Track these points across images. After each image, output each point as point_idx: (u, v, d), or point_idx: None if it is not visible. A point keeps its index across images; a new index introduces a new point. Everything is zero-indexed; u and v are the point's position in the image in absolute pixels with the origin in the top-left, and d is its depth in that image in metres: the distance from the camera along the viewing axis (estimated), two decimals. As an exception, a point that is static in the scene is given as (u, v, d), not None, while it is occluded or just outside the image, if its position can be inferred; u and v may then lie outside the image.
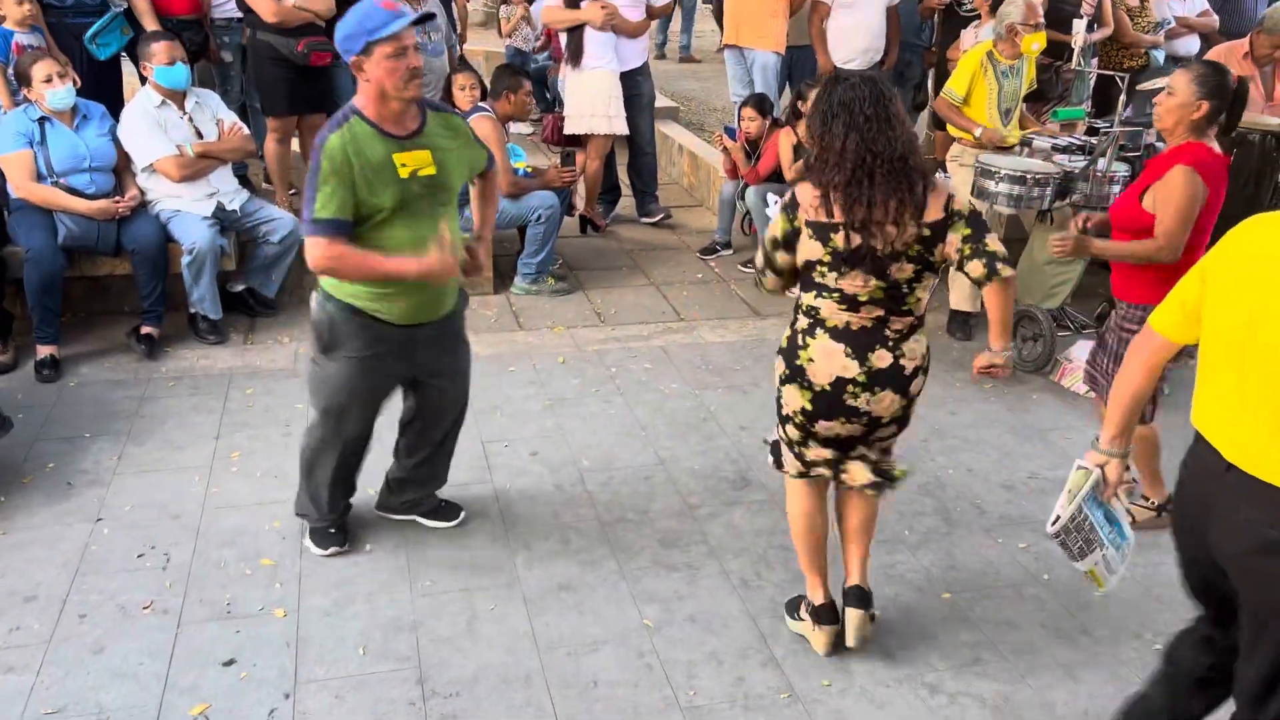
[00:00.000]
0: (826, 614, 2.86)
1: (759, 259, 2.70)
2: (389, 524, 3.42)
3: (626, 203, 6.65)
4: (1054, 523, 2.24)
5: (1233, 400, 1.94)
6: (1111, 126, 4.72)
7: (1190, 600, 2.28)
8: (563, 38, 6.03)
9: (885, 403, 2.62)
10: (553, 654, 2.87)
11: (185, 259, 4.54)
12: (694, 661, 2.86)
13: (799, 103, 5.37)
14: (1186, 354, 2.16)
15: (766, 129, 5.73)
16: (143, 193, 4.62)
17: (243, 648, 2.85)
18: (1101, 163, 4.53)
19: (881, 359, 2.58)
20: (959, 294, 5.02)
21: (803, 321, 2.63)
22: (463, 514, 3.45)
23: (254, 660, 2.80)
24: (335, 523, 3.27)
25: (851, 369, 2.56)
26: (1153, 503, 3.54)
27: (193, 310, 4.70)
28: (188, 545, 3.28)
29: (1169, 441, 3.43)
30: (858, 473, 2.74)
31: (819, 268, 2.54)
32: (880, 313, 2.56)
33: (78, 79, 4.56)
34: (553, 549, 3.33)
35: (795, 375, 2.64)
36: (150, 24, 4.98)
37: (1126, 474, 3.64)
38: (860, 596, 2.84)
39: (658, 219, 6.48)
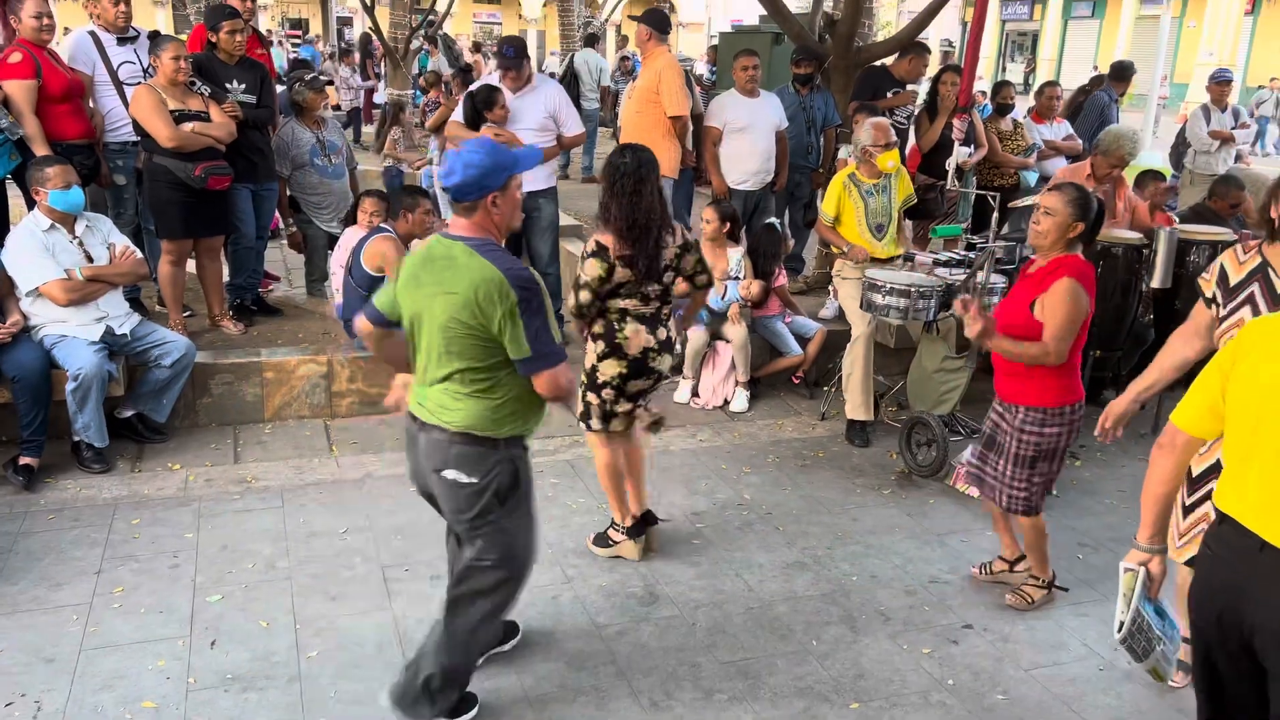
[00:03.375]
0: (635, 530, 3.95)
1: (574, 301, 3.67)
2: (283, 658, 3.27)
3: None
4: (1119, 629, 2.36)
5: (1266, 481, 2.02)
6: (988, 242, 5.00)
7: (1202, 695, 2.30)
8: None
9: (666, 363, 3.79)
10: (455, 790, 2.74)
11: (70, 385, 4.38)
12: (603, 789, 2.77)
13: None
14: (1070, 454, 2.26)
15: None
16: (26, 318, 4.48)
17: (119, 802, 2.65)
18: (980, 275, 4.78)
19: (661, 334, 3.75)
20: (854, 403, 5.16)
21: (615, 315, 3.69)
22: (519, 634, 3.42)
23: (131, 815, 2.61)
24: None
25: (651, 341, 3.71)
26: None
27: (77, 438, 4.52)
28: (62, 691, 3.07)
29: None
30: (642, 415, 3.88)
31: (628, 284, 3.63)
32: (658, 304, 3.74)
33: (-40, 205, 4.45)
34: (456, 677, 3.22)
35: (614, 351, 3.70)
36: (41, 149, 4.91)
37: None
38: (649, 517, 3.99)
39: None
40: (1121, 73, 8.70)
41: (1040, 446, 3.51)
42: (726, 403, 5.65)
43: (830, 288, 6.38)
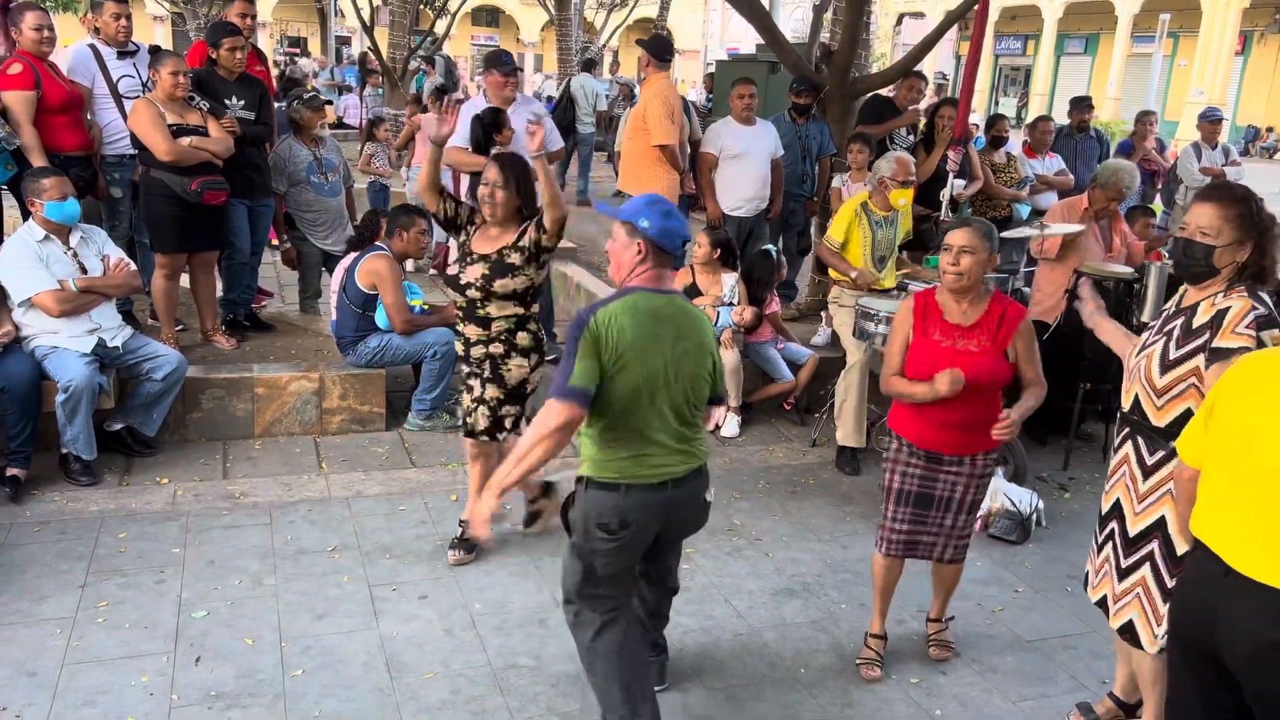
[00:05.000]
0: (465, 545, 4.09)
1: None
2: (268, 675, 3.25)
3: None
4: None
5: (1231, 509, 2.13)
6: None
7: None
8: (464, 179, 6.13)
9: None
10: (439, 813, 2.72)
11: (60, 397, 4.36)
12: (588, 815, 2.75)
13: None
14: (1060, 486, 2.27)
15: None
16: (18, 328, 4.47)
17: (98, 819, 2.62)
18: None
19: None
20: (845, 430, 5.17)
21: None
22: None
23: (110, 833, 2.58)
24: None
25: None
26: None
27: (65, 450, 4.49)
28: (43, 706, 3.03)
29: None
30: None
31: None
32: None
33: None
34: (442, 698, 3.20)
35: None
36: (38, 160, 4.92)
37: None
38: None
39: (550, 359, 6.50)
40: (1074, 104, 8.77)
41: (988, 485, 3.45)
42: (718, 428, 5.65)
43: (823, 314, 6.42)
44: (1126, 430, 2.92)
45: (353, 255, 5.35)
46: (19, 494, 4.32)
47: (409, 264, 6.10)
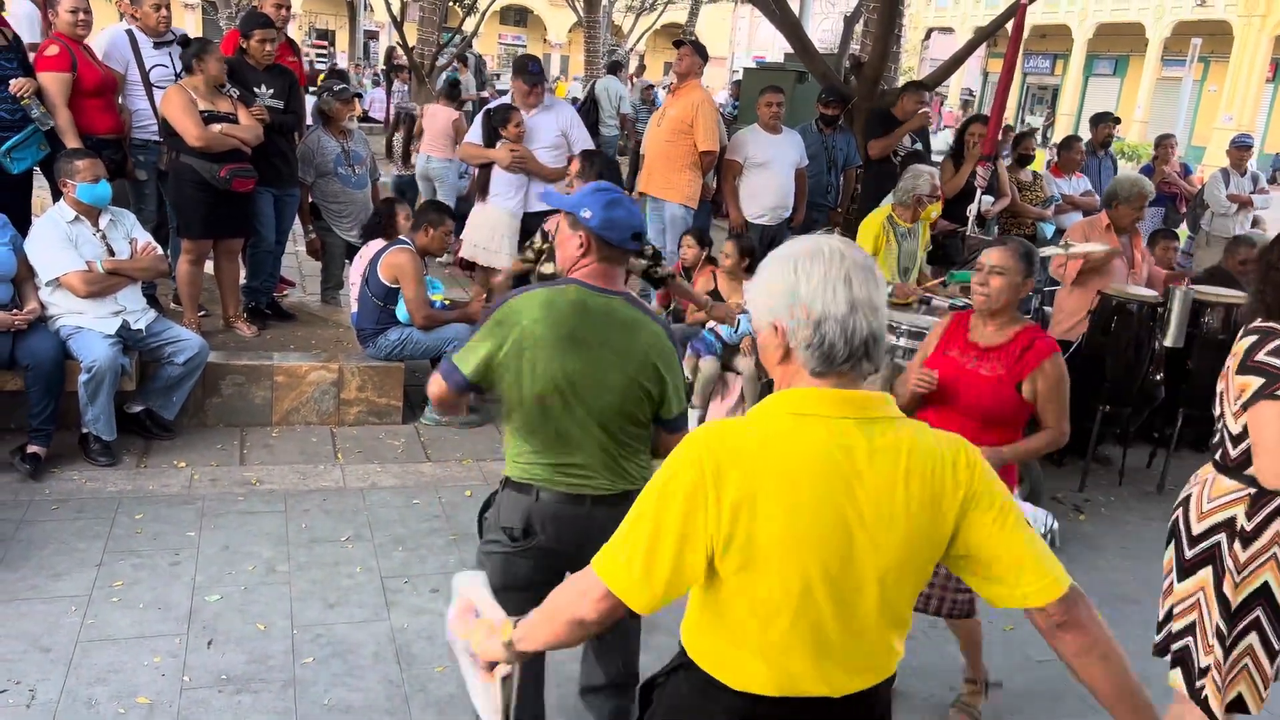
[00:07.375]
0: None
1: None
2: (278, 662, 3.26)
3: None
4: None
5: None
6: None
7: None
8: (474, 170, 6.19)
9: None
10: (444, 806, 2.72)
11: (83, 377, 4.40)
12: (592, 815, 2.74)
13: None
14: (1075, 507, 2.22)
15: (702, 261, 5.91)
16: (44, 307, 4.51)
17: (107, 797, 2.64)
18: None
19: None
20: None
21: None
22: None
23: (118, 811, 2.60)
24: None
25: None
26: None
27: (85, 430, 4.53)
28: (56, 681, 3.06)
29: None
30: None
31: None
32: None
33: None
34: (450, 692, 3.21)
35: None
36: (72, 142, 4.96)
37: None
38: None
39: None
40: (1098, 120, 8.73)
41: None
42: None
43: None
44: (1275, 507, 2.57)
45: (375, 247, 5.38)
46: (39, 471, 4.35)
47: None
